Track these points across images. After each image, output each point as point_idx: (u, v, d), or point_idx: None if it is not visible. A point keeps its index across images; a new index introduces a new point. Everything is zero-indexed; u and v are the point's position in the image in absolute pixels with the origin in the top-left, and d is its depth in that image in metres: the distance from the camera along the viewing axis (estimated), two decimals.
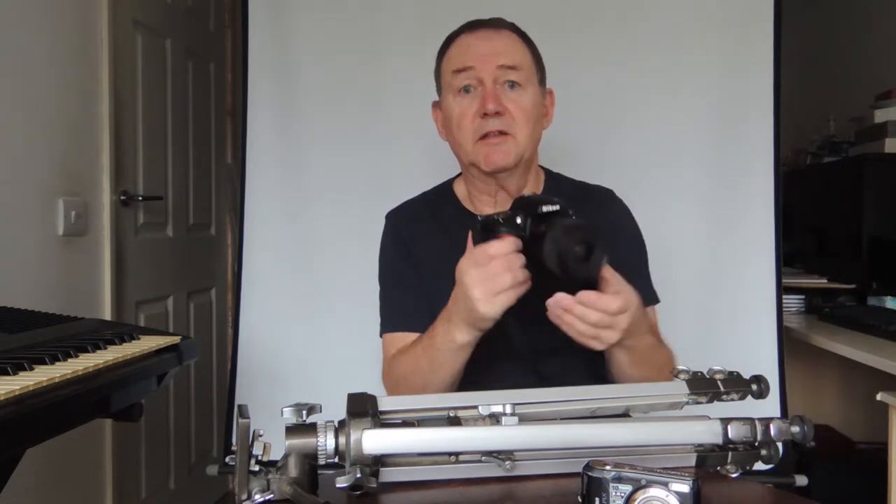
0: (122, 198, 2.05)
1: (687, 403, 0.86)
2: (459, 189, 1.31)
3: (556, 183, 1.30)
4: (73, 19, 1.82)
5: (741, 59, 2.05)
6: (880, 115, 2.42)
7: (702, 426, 0.80)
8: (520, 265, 0.95)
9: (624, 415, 0.87)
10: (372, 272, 1.33)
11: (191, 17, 2.54)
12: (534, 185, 1.27)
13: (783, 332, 1.97)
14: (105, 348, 0.99)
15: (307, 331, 2.10)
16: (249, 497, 0.69)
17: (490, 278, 0.95)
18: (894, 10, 2.88)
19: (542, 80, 1.24)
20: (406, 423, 0.78)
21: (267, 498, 0.69)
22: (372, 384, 1.27)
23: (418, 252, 1.26)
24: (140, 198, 2.16)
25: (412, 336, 1.19)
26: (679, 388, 0.85)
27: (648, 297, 1.23)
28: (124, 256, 2.07)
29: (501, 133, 1.16)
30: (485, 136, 1.16)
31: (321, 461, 0.73)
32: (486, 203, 1.25)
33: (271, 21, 2.16)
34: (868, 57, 3.04)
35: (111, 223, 1.96)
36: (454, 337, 1.03)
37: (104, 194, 1.94)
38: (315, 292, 2.12)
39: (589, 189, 1.31)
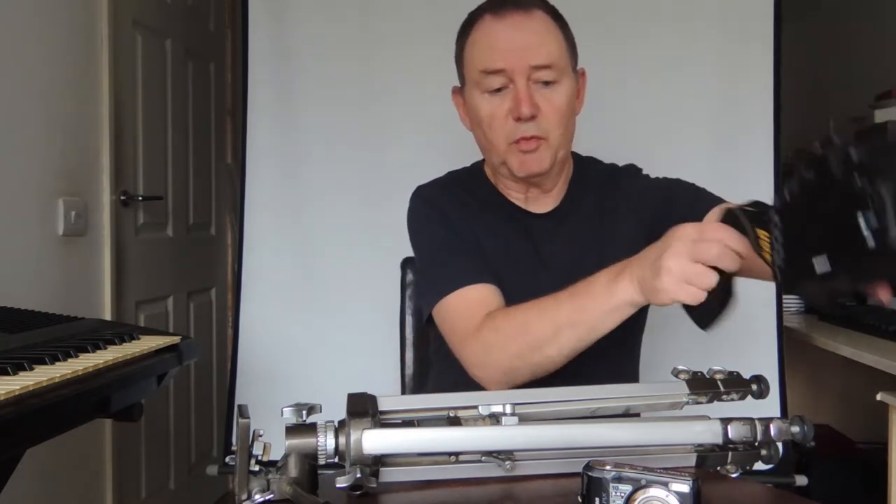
0: (122, 198, 2.05)
1: (687, 403, 0.86)
2: (489, 172, 1.24)
3: (585, 169, 1.24)
4: (72, 19, 1.82)
5: (741, 60, 2.05)
6: (880, 115, 2.42)
7: (702, 426, 0.80)
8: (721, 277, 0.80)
9: (625, 414, 0.87)
10: (372, 272, 1.32)
11: (191, 17, 2.54)
12: (564, 174, 1.21)
13: (783, 332, 1.97)
14: (105, 348, 0.99)
15: (307, 331, 2.11)
16: (249, 497, 0.69)
17: (699, 257, 0.79)
18: (894, 10, 2.88)
19: (575, 64, 1.15)
20: (406, 423, 0.78)
21: (267, 498, 0.69)
22: (372, 384, 1.27)
23: (456, 223, 1.17)
24: (140, 198, 2.16)
25: (487, 288, 1.07)
26: (679, 388, 0.85)
27: (724, 201, 1.12)
28: (124, 256, 2.07)
29: (536, 138, 1.08)
30: (518, 141, 1.09)
31: (321, 461, 0.73)
32: (517, 191, 1.19)
33: (271, 21, 2.16)
34: (868, 57, 3.04)
35: (111, 223, 1.96)
36: (616, 290, 0.90)
37: (104, 194, 1.94)
38: (315, 292, 2.12)
39: (619, 170, 1.25)
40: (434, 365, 1.33)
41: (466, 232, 1.15)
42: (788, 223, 0.62)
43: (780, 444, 0.82)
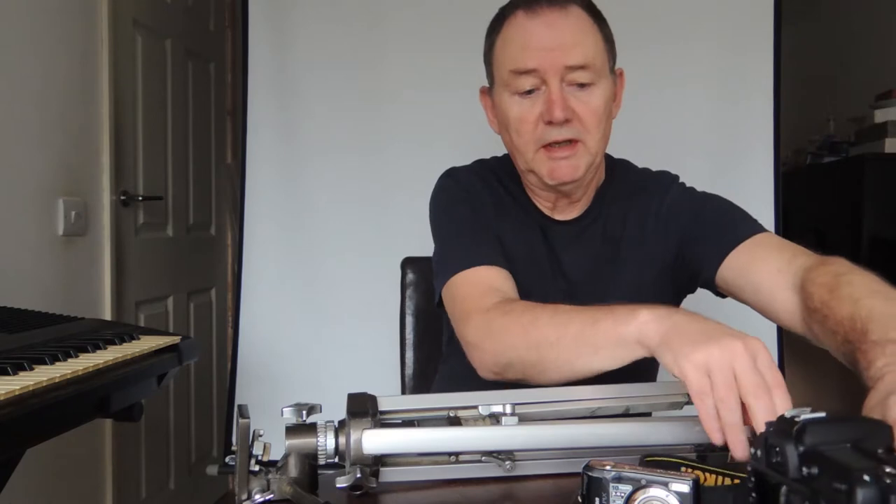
0: (122, 198, 2.05)
1: (687, 403, 0.86)
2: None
3: (616, 176, 1.16)
4: (72, 19, 1.82)
5: (741, 60, 2.05)
6: (880, 115, 2.42)
7: (701, 426, 0.80)
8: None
9: (631, 414, 0.87)
10: (372, 272, 1.32)
11: (191, 17, 2.54)
12: (594, 181, 1.14)
13: (783, 331, 1.97)
14: (105, 348, 0.99)
15: (307, 331, 2.11)
16: (249, 497, 0.69)
17: (721, 378, 0.67)
18: (894, 10, 2.88)
19: (613, 64, 1.08)
20: (406, 423, 0.78)
21: (267, 498, 0.69)
22: (372, 384, 1.27)
23: (483, 207, 1.11)
24: (140, 198, 2.16)
25: (501, 273, 1.01)
26: (679, 388, 0.85)
27: (756, 227, 1.06)
28: (124, 256, 2.07)
29: (570, 141, 1.01)
30: (549, 146, 1.02)
31: (321, 461, 0.73)
32: (545, 199, 1.13)
33: (271, 21, 2.16)
34: (868, 57, 3.05)
35: (111, 223, 1.96)
36: (634, 317, 0.78)
37: (104, 194, 1.94)
38: (315, 292, 2.12)
39: (651, 180, 1.17)
40: (445, 358, 1.28)
41: (491, 218, 1.10)
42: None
43: None
